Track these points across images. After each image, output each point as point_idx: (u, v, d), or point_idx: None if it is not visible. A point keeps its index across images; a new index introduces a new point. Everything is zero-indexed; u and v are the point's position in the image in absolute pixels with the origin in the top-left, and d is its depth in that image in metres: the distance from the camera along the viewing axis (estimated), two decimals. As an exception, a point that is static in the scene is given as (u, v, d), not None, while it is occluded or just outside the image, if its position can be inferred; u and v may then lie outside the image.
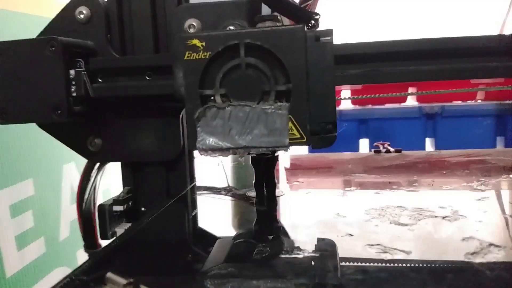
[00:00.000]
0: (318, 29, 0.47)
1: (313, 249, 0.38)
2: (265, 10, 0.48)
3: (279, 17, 0.42)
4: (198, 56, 0.38)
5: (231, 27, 0.44)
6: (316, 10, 0.63)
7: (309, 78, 0.38)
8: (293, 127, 0.38)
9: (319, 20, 0.48)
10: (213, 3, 0.46)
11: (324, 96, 0.39)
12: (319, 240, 0.40)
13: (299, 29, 0.37)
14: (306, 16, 0.46)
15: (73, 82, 0.47)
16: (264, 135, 0.38)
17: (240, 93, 0.38)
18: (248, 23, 0.44)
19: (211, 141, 0.39)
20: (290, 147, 0.38)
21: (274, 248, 0.39)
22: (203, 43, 0.38)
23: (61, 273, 0.98)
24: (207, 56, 0.38)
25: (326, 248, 0.38)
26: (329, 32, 0.39)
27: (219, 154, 0.39)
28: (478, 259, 0.34)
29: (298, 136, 0.38)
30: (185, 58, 0.39)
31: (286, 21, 0.51)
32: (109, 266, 0.39)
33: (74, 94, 0.47)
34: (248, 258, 0.37)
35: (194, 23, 0.46)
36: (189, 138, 0.39)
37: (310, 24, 0.47)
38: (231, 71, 0.38)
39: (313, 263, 0.35)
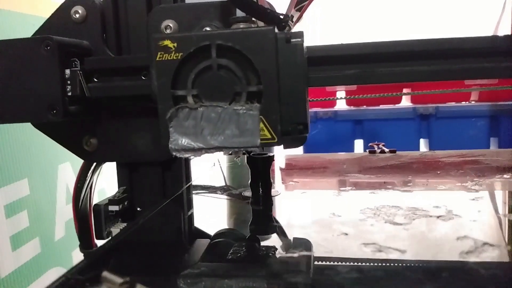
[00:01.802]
0: (293, 30, 0.47)
1: (289, 248, 0.38)
2: (241, 12, 0.48)
3: (254, 19, 0.42)
4: (170, 57, 0.39)
5: (208, 29, 0.44)
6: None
7: (280, 79, 0.38)
8: (264, 128, 0.38)
9: (290, 22, 0.48)
10: (190, 5, 0.46)
11: (295, 97, 0.39)
12: (295, 239, 0.40)
13: (269, 31, 0.38)
14: (276, 18, 0.46)
15: (69, 82, 0.47)
16: (235, 135, 0.38)
17: (212, 94, 0.38)
18: (224, 25, 0.44)
19: (184, 141, 0.39)
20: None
21: (250, 248, 0.39)
22: (175, 44, 0.38)
23: (56, 273, 0.97)
24: (179, 57, 0.38)
25: (301, 247, 0.38)
26: (300, 34, 0.39)
27: (191, 154, 0.39)
28: (472, 258, 0.34)
29: (269, 136, 0.38)
30: (157, 59, 0.39)
31: (262, 23, 0.51)
32: (104, 266, 0.39)
33: (69, 94, 0.47)
34: (223, 258, 0.38)
35: (170, 24, 0.46)
36: (162, 138, 0.40)
37: (282, 26, 0.48)
38: (203, 72, 0.38)
39: (287, 262, 0.35)
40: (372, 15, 2.60)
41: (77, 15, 0.51)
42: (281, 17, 0.46)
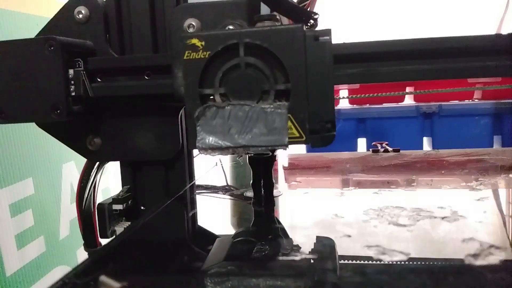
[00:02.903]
0: (317, 28, 0.47)
1: (312, 248, 0.38)
2: (264, 9, 0.48)
3: (278, 17, 0.42)
4: (198, 55, 0.38)
5: (230, 27, 0.44)
6: (315, 10, 0.63)
7: (308, 77, 0.38)
8: (292, 126, 0.38)
9: (318, 19, 0.48)
10: (213, 3, 0.46)
11: (323, 95, 0.39)
12: (318, 239, 0.40)
13: (298, 29, 0.37)
14: (305, 15, 0.46)
15: (72, 82, 0.47)
16: (263, 134, 0.38)
17: (240, 93, 0.38)
18: (247, 23, 0.44)
19: (211, 140, 0.39)
20: (289, 146, 0.38)
21: (273, 247, 0.39)
22: (203, 43, 0.38)
23: (61, 271, 0.98)
24: (207, 56, 0.38)
25: (325, 247, 0.38)
26: (327, 32, 0.39)
27: (218, 153, 0.39)
28: (478, 261, 0.34)
29: (297, 135, 0.38)
30: (185, 57, 0.39)
31: (285, 20, 0.51)
32: (106, 266, 0.39)
33: (73, 94, 0.47)
34: (247, 257, 0.37)
35: (193, 23, 0.46)
36: (189, 137, 0.40)
37: (309, 24, 0.48)
38: (231, 70, 0.38)
39: (312, 262, 0.35)
40: (373, 14, 2.60)
41: (81, 16, 0.51)
42: (311, 14, 0.46)
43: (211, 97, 0.39)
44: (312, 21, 0.47)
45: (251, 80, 0.38)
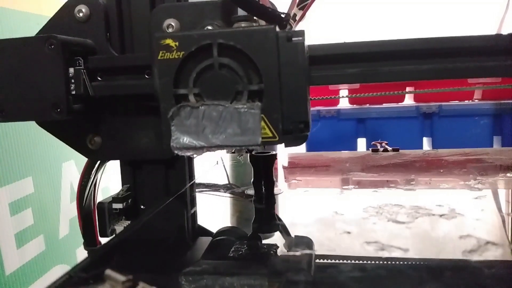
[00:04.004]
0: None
1: (291, 246, 0.38)
2: (243, 11, 0.48)
3: (255, 18, 0.42)
4: (172, 55, 0.39)
5: (209, 27, 0.44)
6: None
7: (281, 78, 0.38)
8: (265, 126, 0.38)
9: (290, 20, 0.48)
10: (192, 3, 0.46)
11: (297, 96, 0.39)
12: (296, 237, 0.41)
13: (271, 30, 0.38)
14: (277, 17, 0.46)
15: (72, 81, 0.47)
16: (237, 134, 0.38)
17: (214, 93, 0.39)
18: (226, 24, 0.44)
19: (185, 140, 0.39)
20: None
21: (252, 246, 0.40)
22: (177, 43, 0.39)
23: (60, 270, 0.98)
24: (181, 56, 0.39)
25: (303, 245, 0.38)
26: (301, 33, 0.39)
27: (193, 152, 0.40)
28: (475, 257, 0.34)
29: (271, 135, 0.38)
30: (159, 57, 0.39)
31: (263, 22, 0.51)
32: (108, 264, 0.39)
33: (73, 92, 0.47)
34: (224, 256, 0.38)
35: (172, 23, 0.46)
36: (164, 137, 0.40)
37: (284, 24, 0.48)
38: (205, 70, 0.39)
39: (288, 260, 0.36)
40: (373, 13, 2.60)
41: (81, 14, 0.51)
42: (282, 16, 0.46)
43: (186, 97, 0.39)
44: (285, 23, 0.47)
45: (225, 81, 0.38)
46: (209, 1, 0.45)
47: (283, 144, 0.39)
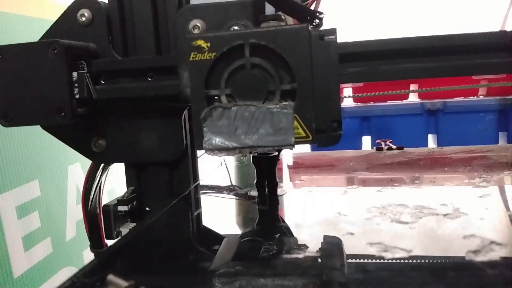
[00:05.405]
0: (322, 28, 0.47)
1: (320, 246, 0.38)
2: (269, 10, 0.48)
3: (283, 17, 0.42)
4: (204, 57, 0.39)
5: (236, 27, 0.44)
6: (320, 9, 0.63)
7: (314, 77, 0.38)
8: (298, 126, 0.38)
9: (323, 19, 0.48)
10: (217, 4, 0.46)
11: (329, 95, 0.39)
12: (325, 237, 0.40)
13: (303, 29, 0.38)
14: (310, 15, 0.46)
15: (76, 84, 0.47)
16: (269, 134, 0.38)
17: (246, 93, 0.38)
18: (252, 23, 0.44)
19: (218, 141, 0.39)
20: (296, 146, 0.38)
21: (280, 246, 0.39)
22: (208, 44, 0.38)
23: (68, 272, 0.99)
24: (212, 57, 0.38)
25: (332, 245, 0.38)
26: (333, 31, 0.39)
27: (225, 153, 0.39)
28: (479, 257, 0.34)
29: (304, 135, 0.38)
30: (191, 59, 0.39)
31: (290, 20, 0.51)
32: (112, 267, 0.39)
33: (77, 96, 0.48)
34: (255, 257, 0.37)
35: (198, 24, 0.46)
36: (196, 138, 0.40)
37: (314, 23, 0.48)
38: (236, 71, 0.38)
39: (319, 260, 0.35)
40: (376, 12, 2.59)
41: (83, 18, 0.51)
42: (318, 14, 0.46)
43: (217, 98, 0.39)
44: (317, 21, 0.47)
45: (257, 81, 0.38)
46: (235, 1, 0.45)
47: (316, 144, 0.39)
